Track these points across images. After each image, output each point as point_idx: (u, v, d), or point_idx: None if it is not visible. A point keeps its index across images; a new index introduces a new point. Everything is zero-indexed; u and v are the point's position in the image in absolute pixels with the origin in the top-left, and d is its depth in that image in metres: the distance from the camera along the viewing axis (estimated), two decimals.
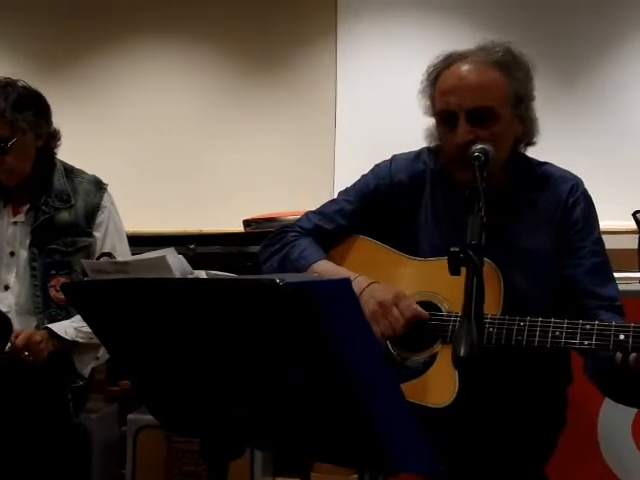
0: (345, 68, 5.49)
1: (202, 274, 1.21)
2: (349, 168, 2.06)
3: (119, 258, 2.20)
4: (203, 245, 2.90)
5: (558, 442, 1.86)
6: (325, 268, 1.78)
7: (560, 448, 1.90)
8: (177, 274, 1.23)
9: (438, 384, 1.58)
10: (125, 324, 1.25)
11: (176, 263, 1.23)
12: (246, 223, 3.03)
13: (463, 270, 1.31)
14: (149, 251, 1.33)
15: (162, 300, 1.17)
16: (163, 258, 1.22)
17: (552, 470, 1.94)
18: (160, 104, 5.51)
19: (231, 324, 1.11)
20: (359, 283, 1.70)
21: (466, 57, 1.74)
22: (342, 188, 1.99)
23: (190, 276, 1.24)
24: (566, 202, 1.77)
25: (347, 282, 1.00)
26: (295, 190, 5.00)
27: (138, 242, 2.65)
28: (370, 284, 1.70)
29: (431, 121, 1.82)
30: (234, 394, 1.20)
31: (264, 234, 1.99)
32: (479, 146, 1.62)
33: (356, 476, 2.55)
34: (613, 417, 2.45)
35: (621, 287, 2.57)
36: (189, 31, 5.57)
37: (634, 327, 1.49)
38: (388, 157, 1.95)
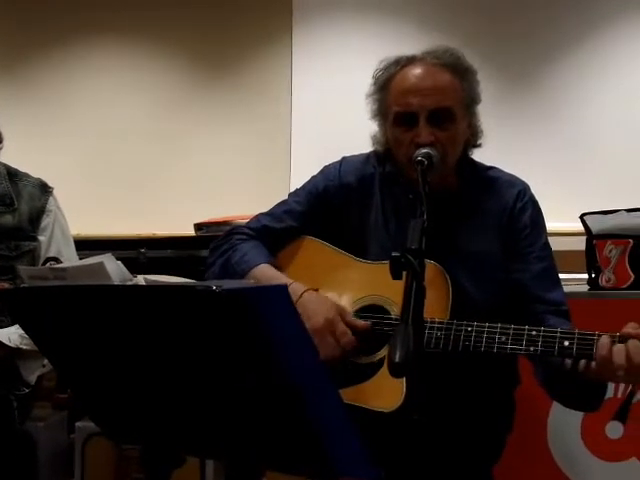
0: (301, 69, 5.48)
1: (141, 280, 1.20)
2: (306, 170, 2.05)
3: (65, 263, 2.16)
4: (154, 249, 2.87)
5: (505, 444, 1.87)
6: (263, 273, 1.76)
7: (510, 449, 1.91)
8: (116, 280, 1.21)
9: (386, 388, 1.58)
10: (63, 331, 1.22)
11: (114, 269, 1.21)
12: (197, 227, 3.01)
13: None
14: (99, 255, 1.32)
15: (100, 307, 1.15)
16: (101, 264, 1.20)
17: (502, 471, 1.95)
18: (111, 106, 5.45)
19: (169, 330, 1.11)
20: (292, 292, 1.69)
21: (418, 60, 1.75)
22: None
23: (129, 282, 1.22)
24: (513, 207, 1.79)
25: (284, 288, 1.00)
26: (251, 193, 4.98)
27: (88, 246, 2.61)
28: (302, 294, 1.69)
29: (375, 127, 1.83)
30: (174, 401, 1.19)
31: (215, 238, 1.98)
32: (423, 150, 1.63)
33: None
34: (563, 418, 2.48)
35: (569, 289, 2.62)
36: (141, 32, 5.52)
37: (579, 334, 1.51)
38: None
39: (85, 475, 2.57)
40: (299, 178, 2.02)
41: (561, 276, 1.91)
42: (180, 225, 4.05)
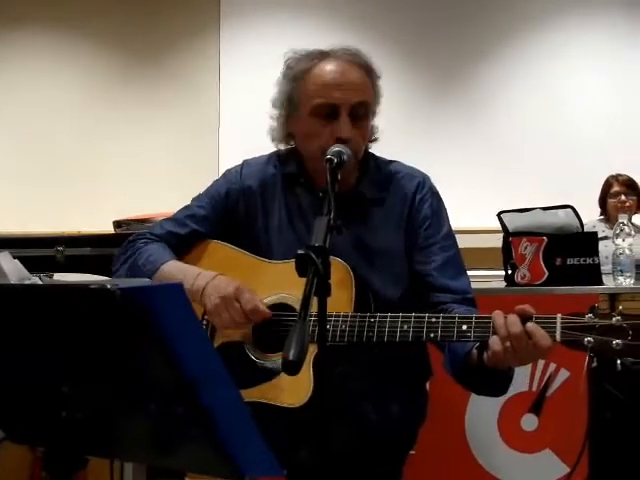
0: (228, 65, 5.47)
1: (37, 280, 1.18)
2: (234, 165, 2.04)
3: None
4: (72, 247, 2.80)
5: (418, 434, 1.89)
6: (174, 267, 1.77)
7: (429, 441, 1.96)
8: (12, 279, 1.19)
9: (294, 384, 1.58)
10: None
11: (11, 268, 1.19)
12: (116, 224, 2.96)
13: None
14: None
15: None
16: None
17: (421, 462, 1.99)
18: (33, 101, 5.34)
19: (67, 329, 1.10)
20: (204, 277, 1.71)
21: (332, 55, 1.77)
22: None
23: (27, 281, 1.20)
24: (413, 199, 1.82)
25: (179, 287, 1.00)
26: (179, 189, 4.93)
27: (2, 245, 2.54)
28: (215, 277, 1.71)
29: (273, 124, 1.84)
30: (73, 400, 1.17)
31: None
32: (335, 149, 1.64)
33: None
34: (480, 410, 2.54)
35: (487, 285, 2.68)
36: (66, 25, 5.42)
37: (476, 318, 1.54)
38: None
39: None
40: None
41: (479, 272, 1.95)
42: (107, 222, 3.99)
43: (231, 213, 1.87)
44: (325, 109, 1.73)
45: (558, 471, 2.52)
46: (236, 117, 5.40)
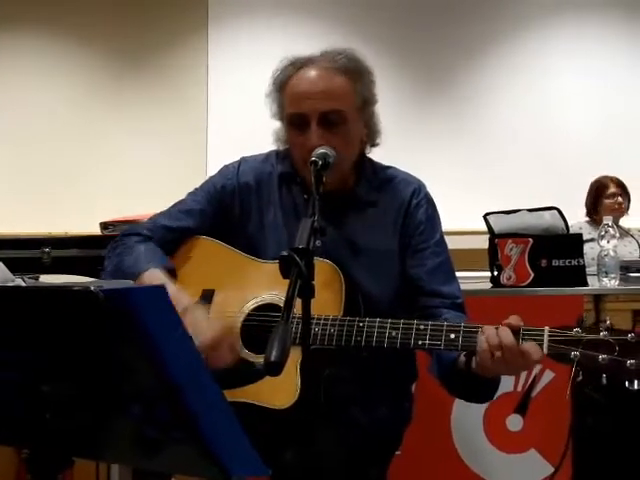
0: (216, 68, 5.47)
1: (21, 282, 1.18)
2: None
3: None
4: (59, 248, 2.79)
5: (403, 435, 1.91)
6: (148, 279, 1.73)
7: (415, 445, 1.97)
8: None
9: (281, 385, 1.59)
10: None
11: None
12: (103, 225, 2.94)
13: None
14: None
15: None
16: None
17: (408, 464, 1.99)
18: (22, 103, 5.32)
19: (50, 331, 1.09)
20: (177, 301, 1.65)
21: (313, 63, 1.77)
22: None
23: (10, 284, 1.20)
24: (409, 205, 1.84)
25: (162, 289, 1.00)
26: (167, 190, 4.92)
27: None
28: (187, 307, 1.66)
29: (277, 124, 1.85)
30: (57, 402, 1.17)
31: None
32: (319, 151, 1.65)
33: None
34: (466, 412, 2.54)
35: (473, 286, 2.68)
36: (53, 24, 5.40)
37: (464, 327, 1.56)
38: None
39: None
40: None
41: (466, 274, 1.96)
42: (94, 224, 3.97)
43: (226, 208, 1.87)
44: (296, 119, 1.74)
45: (543, 471, 2.54)
46: (224, 117, 5.40)
